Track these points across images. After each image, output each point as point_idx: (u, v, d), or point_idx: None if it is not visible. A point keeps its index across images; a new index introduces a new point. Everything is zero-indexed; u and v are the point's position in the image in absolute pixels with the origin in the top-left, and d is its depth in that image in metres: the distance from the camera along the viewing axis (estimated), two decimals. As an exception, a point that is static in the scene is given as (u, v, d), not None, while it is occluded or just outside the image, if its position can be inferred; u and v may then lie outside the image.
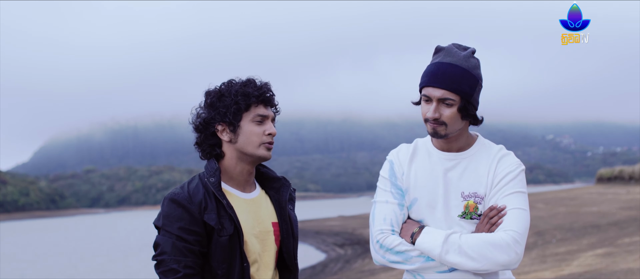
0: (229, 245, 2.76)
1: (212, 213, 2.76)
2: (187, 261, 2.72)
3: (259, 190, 2.98)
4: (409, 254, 2.80)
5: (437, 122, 2.79)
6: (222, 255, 2.76)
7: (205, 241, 2.76)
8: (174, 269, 2.71)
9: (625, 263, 11.30)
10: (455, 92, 2.76)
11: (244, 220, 2.83)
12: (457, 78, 2.75)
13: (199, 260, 2.75)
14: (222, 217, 2.77)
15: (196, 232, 2.75)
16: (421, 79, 2.84)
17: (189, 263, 2.72)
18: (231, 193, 2.88)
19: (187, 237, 2.73)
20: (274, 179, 3.01)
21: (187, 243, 2.73)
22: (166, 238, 2.75)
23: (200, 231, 2.75)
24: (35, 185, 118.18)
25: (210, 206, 2.77)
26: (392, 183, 2.91)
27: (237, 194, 2.89)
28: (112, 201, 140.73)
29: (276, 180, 3.01)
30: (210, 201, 2.78)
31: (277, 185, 3.01)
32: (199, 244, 2.75)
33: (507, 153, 2.91)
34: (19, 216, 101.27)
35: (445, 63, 2.77)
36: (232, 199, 2.85)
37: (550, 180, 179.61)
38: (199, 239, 2.75)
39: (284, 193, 2.99)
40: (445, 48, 2.82)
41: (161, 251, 2.74)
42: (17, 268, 30.73)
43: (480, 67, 2.84)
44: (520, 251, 2.72)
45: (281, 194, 2.99)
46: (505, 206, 2.78)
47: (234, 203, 2.84)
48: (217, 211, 2.77)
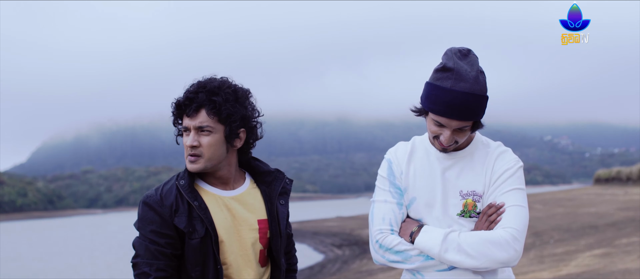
0: (200, 248, 2.71)
1: (182, 215, 2.71)
2: (160, 264, 2.70)
3: (248, 185, 2.89)
4: (409, 253, 2.80)
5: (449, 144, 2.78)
6: (194, 258, 2.72)
7: (178, 243, 2.72)
8: (146, 273, 2.70)
9: (623, 264, 11.31)
10: (471, 120, 2.73)
11: (221, 219, 2.76)
12: (473, 108, 2.69)
13: (173, 263, 2.72)
14: (194, 219, 2.72)
15: (168, 235, 2.71)
16: (431, 103, 2.73)
17: (161, 266, 2.70)
18: (209, 191, 2.81)
19: (158, 240, 2.71)
20: (265, 173, 2.91)
21: (159, 246, 2.70)
22: (141, 241, 2.74)
23: (172, 234, 2.71)
24: (33, 185, 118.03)
25: (181, 209, 2.72)
26: (390, 182, 2.89)
27: (216, 192, 2.82)
28: (110, 201, 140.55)
29: (268, 173, 2.91)
30: (182, 203, 2.73)
31: (269, 179, 2.91)
32: (171, 247, 2.71)
33: (505, 150, 2.90)
34: (17, 216, 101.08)
35: (460, 94, 2.66)
36: (208, 198, 2.79)
37: (548, 181, 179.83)
38: (171, 242, 2.71)
39: (276, 187, 2.89)
40: (454, 69, 2.68)
41: (136, 253, 2.75)
42: (16, 268, 30.70)
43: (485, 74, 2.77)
44: (519, 248, 2.71)
45: (273, 188, 2.89)
46: (504, 204, 2.77)
47: (210, 202, 2.78)
48: (188, 214, 2.72)
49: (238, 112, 2.75)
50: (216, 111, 2.72)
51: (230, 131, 2.74)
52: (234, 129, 2.75)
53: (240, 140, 2.81)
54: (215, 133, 2.74)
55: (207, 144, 2.73)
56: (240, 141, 2.81)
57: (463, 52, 2.74)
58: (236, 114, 2.74)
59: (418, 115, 2.84)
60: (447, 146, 2.78)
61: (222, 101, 2.72)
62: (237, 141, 2.80)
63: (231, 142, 2.78)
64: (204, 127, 2.73)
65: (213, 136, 2.74)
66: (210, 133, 2.73)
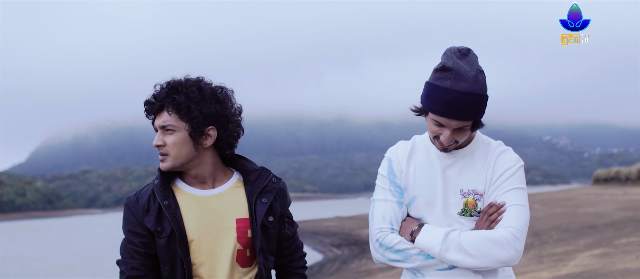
0: (167, 247, 2.74)
1: (152, 215, 2.76)
2: (134, 263, 2.76)
3: (231, 184, 2.87)
4: (409, 252, 2.79)
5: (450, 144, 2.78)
6: (163, 257, 2.76)
7: (152, 243, 2.77)
8: (122, 271, 2.78)
9: (622, 263, 11.31)
10: (471, 119, 2.73)
11: (192, 219, 2.76)
12: (473, 108, 2.68)
13: (148, 262, 2.77)
14: (163, 219, 2.75)
15: (141, 234, 2.77)
16: (431, 103, 2.72)
17: (135, 265, 2.76)
18: (184, 191, 2.82)
19: (133, 239, 2.77)
20: (250, 171, 2.89)
21: (134, 245, 2.77)
22: (123, 240, 2.82)
23: (145, 233, 2.76)
24: (32, 185, 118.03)
25: (152, 209, 2.76)
26: (390, 181, 2.88)
27: (192, 191, 2.82)
28: (109, 201, 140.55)
29: (252, 172, 2.88)
30: (154, 203, 2.77)
31: (252, 178, 2.87)
32: (144, 246, 2.76)
33: (506, 149, 2.89)
34: (16, 216, 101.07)
35: (460, 94, 2.65)
36: (182, 197, 2.80)
37: (547, 181, 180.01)
38: (145, 241, 2.76)
39: (258, 185, 2.85)
40: (453, 68, 2.67)
41: (120, 252, 2.82)
42: (15, 268, 30.67)
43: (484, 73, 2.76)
44: (520, 247, 2.70)
45: (255, 186, 2.84)
46: (505, 203, 2.76)
47: (183, 202, 2.79)
48: (158, 213, 2.76)
49: (203, 110, 2.73)
50: (176, 109, 2.73)
51: (193, 129, 2.74)
52: (197, 127, 2.74)
53: (211, 138, 2.79)
54: (178, 131, 2.75)
55: (171, 143, 2.75)
56: (209, 139, 2.79)
57: (462, 52, 2.73)
58: (199, 112, 2.72)
59: (418, 114, 2.83)
60: (447, 146, 2.78)
61: (184, 99, 2.72)
62: (205, 140, 2.78)
63: (197, 140, 2.77)
64: (166, 126, 2.75)
65: (176, 134, 2.75)
66: (173, 131, 2.75)
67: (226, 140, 2.82)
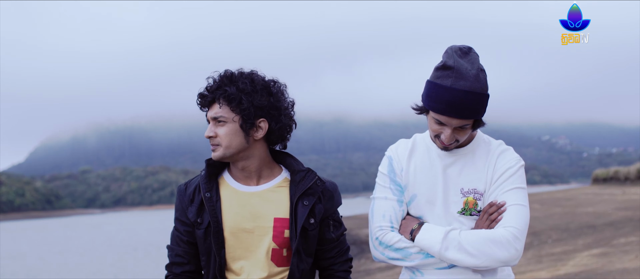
0: (204, 238, 2.79)
1: (194, 206, 2.81)
2: (178, 250, 2.84)
3: (275, 183, 2.86)
4: (409, 250, 2.78)
5: (451, 143, 2.78)
6: (200, 247, 2.82)
7: (194, 232, 2.83)
8: (169, 256, 2.87)
9: (621, 263, 11.32)
10: (472, 118, 2.72)
11: (232, 214, 2.78)
12: (474, 106, 2.68)
13: (191, 250, 2.84)
14: (203, 211, 2.79)
15: (185, 222, 2.83)
16: (431, 101, 2.72)
17: (179, 251, 2.84)
18: (229, 185, 2.84)
19: (179, 227, 2.86)
20: (296, 172, 2.87)
21: (179, 233, 2.85)
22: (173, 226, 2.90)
23: (189, 222, 2.82)
24: (31, 185, 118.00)
25: (196, 200, 2.82)
26: (391, 179, 2.88)
27: (236, 186, 2.83)
28: (108, 201, 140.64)
29: (298, 172, 2.86)
30: (198, 194, 2.82)
31: (297, 178, 2.85)
32: (188, 235, 2.83)
33: (507, 148, 2.89)
34: (15, 216, 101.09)
35: (461, 92, 2.64)
36: (225, 191, 2.82)
37: (546, 181, 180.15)
38: (189, 230, 2.83)
39: (301, 186, 2.82)
40: (454, 67, 2.66)
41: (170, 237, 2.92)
42: (14, 268, 30.66)
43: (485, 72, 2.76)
44: (520, 247, 2.70)
45: (299, 188, 2.82)
46: (505, 203, 2.76)
47: (226, 196, 2.81)
48: (200, 205, 2.80)
49: (254, 102, 2.74)
50: (228, 101, 2.74)
51: (244, 120, 2.75)
52: (248, 119, 2.75)
53: (261, 130, 2.79)
54: (230, 123, 2.76)
55: (223, 134, 2.77)
56: (260, 131, 2.80)
57: (464, 50, 2.72)
58: (250, 104, 2.74)
59: (419, 113, 2.83)
60: (448, 144, 2.77)
61: (235, 91, 2.74)
62: (255, 131, 2.79)
63: (248, 132, 2.78)
64: (218, 118, 2.77)
65: (228, 126, 2.76)
66: (225, 123, 2.76)
67: (278, 133, 2.84)
